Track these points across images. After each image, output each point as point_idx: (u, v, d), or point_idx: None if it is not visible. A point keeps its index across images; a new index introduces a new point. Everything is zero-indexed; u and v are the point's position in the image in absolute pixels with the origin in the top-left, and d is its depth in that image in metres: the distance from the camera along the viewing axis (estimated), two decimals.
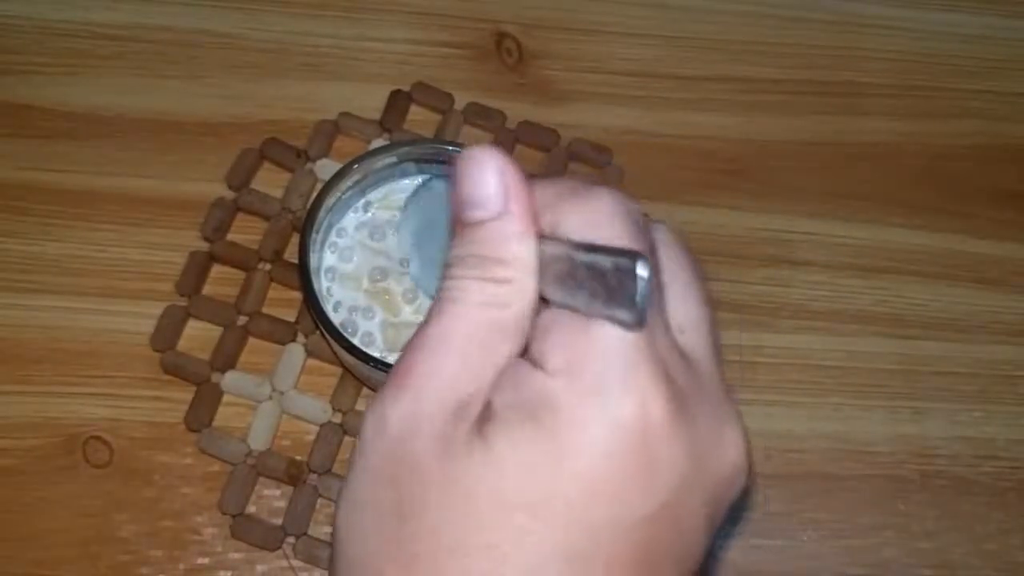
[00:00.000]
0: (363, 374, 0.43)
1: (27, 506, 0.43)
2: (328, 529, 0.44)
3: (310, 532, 0.43)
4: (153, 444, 0.44)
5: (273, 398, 0.45)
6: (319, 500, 0.44)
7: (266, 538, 0.43)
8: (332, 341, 0.40)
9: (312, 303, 0.40)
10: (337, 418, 0.45)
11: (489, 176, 0.24)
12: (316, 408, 0.45)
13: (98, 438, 0.44)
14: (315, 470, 0.44)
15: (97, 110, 0.49)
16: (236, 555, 0.43)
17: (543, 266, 0.23)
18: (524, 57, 0.53)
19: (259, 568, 0.43)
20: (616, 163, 0.51)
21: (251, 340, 0.46)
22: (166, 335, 0.45)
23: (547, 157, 0.51)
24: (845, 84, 0.55)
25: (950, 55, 0.56)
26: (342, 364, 0.45)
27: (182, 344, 0.46)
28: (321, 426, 0.45)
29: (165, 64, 0.51)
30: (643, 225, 0.24)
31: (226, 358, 0.45)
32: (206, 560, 0.43)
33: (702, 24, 0.55)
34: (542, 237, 0.24)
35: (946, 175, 0.53)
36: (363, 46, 0.52)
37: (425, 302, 0.42)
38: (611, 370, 0.22)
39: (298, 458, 0.44)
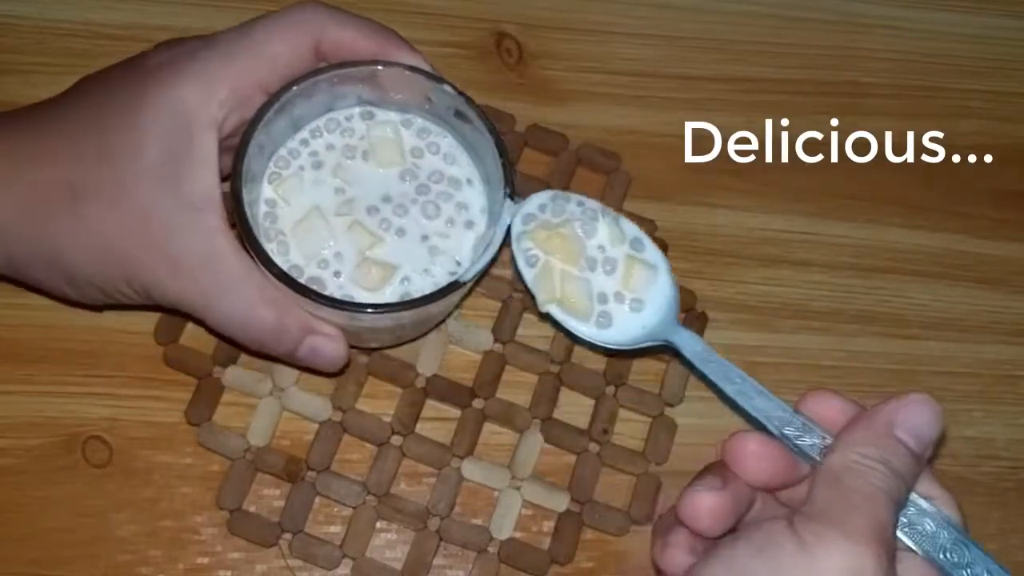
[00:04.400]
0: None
1: (26, 506, 0.43)
2: (327, 528, 0.44)
3: (307, 530, 0.43)
4: (152, 444, 0.44)
5: (274, 394, 0.45)
6: (317, 498, 0.44)
7: (262, 534, 0.43)
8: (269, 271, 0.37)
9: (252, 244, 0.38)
10: (337, 416, 0.45)
11: (935, 431, 0.34)
12: (316, 405, 0.45)
13: (98, 438, 0.44)
14: (314, 468, 0.44)
15: None
16: (235, 554, 0.43)
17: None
18: (524, 57, 0.53)
19: (258, 568, 0.43)
20: (624, 168, 0.51)
21: None
22: (169, 328, 0.46)
23: (555, 161, 0.51)
24: (845, 84, 0.55)
25: (950, 55, 0.56)
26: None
27: (184, 340, 0.46)
28: (321, 424, 0.45)
29: None
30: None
31: (228, 353, 0.45)
32: (205, 560, 0.43)
33: (702, 24, 0.55)
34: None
35: (946, 175, 0.53)
36: None
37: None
38: None
39: (297, 456, 0.44)
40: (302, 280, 0.39)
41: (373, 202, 0.41)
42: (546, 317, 0.41)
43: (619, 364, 0.47)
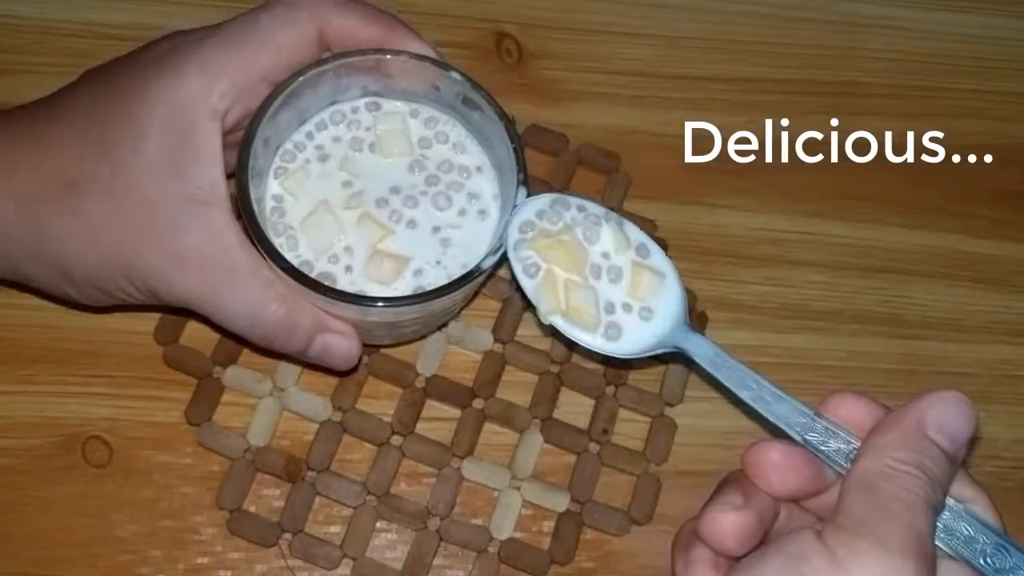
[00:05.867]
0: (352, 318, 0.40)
1: (26, 506, 0.43)
2: (327, 528, 0.44)
3: (307, 530, 0.43)
4: (153, 444, 0.44)
5: (274, 394, 0.45)
6: (317, 498, 0.44)
7: (262, 534, 0.43)
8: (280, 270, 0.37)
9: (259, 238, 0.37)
10: (337, 416, 0.45)
11: (968, 429, 0.32)
12: (316, 405, 0.45)
13: (98, 438, 0.44)
14: (314, 468, 0.44)
15: None
16: (235, 555, 0.43)
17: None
18: (524, 57, 0.53)
19: (258, 568, 0.43)
20: (624, 169, 0.51)
21: None
22: (169, 328, 0.46)
23: (555, 161, 0.51)
24: (845, 84, 0.55)
25: (950, 55, 0.56)
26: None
27: (184, 340, 0.46)
28: (321, 424, 0.45)
29: None
30: None
31: (228, 353, 0.45)
32: (205, 560, 0.43)
33: (702, 24, 0.55)
34: None
35: (946, 175, 0.53)
36: None
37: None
38: None
39: (297, 456, 0.44)
40: (313, 275, 0.38)
41: (382, 194, 0.40)
42: (548, 329, 0.40)
43: (619, 364, 0.47)
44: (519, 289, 0.40)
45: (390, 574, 0.43)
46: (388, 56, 0.39)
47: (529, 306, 0.40)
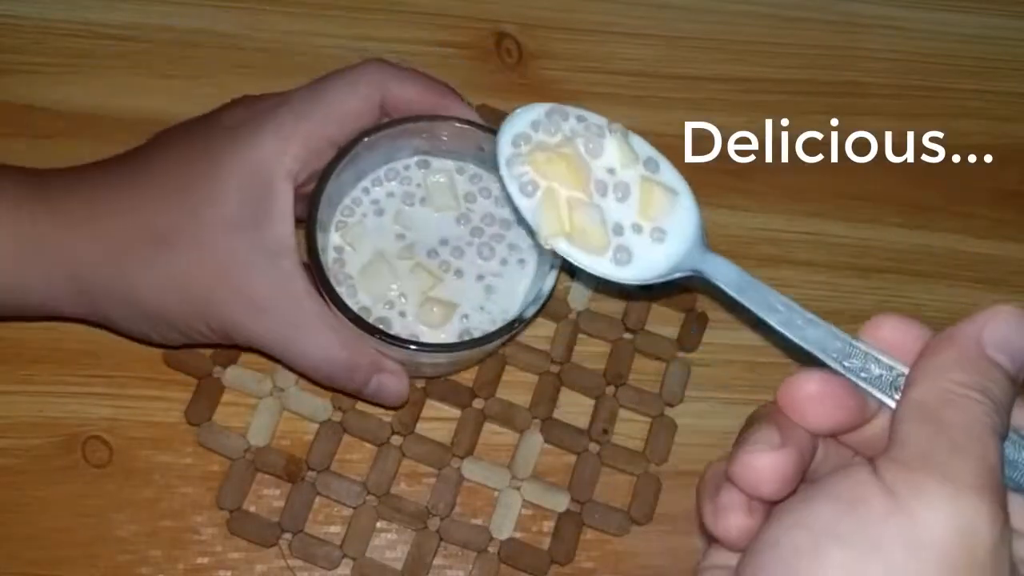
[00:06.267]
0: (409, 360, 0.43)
1: (26, 506, 0.43)
2: (327, 528, 0.44)
3: (307, 530, 0.43)
4: (153, 444, 0.44)
5: (274, 394, 0.45)
6: (317, 498, 0.44)
7: (262, 534, 0.43)
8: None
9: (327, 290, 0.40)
10: (337, 416, 0.45)
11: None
12: (317, 405, 0.45)
13: (98, 438, 0.44)
14: (314, 468, 0.44)
15: (97, 110, 0.49)
16: (235, 555, 0.43)
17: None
18: (524, 57, 0.53)
19: (258, 568, 0.43)
20: None
21: None
22: None
23: None
24: (845, 84, 0.55)
25: (950, 55, 0.56)
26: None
27: None
28: (321, 424, 0.45)
29: (165, 64, 0.51)
30: None
31: (228, 353, 0.45)
32: (205, 560, 0.43)
33: (702, 24, 0.55)
34: None
35: (946, 175, 0.53)
36: (363, 46, 0.52)
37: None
38: None
39: (297, 455, 0.44)
40: (371, 320, 0.41)
41: (432, 245, 0.43)
42: (550, 252, 0.37)
43: (619, 364, 0.47)
44: (516, 211, 0.37)
45: (390, 574, 0.43)
46: (440, 122, 0.42)
47: (527, 229, 0.38)
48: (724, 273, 0.34)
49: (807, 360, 0.31)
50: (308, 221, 0.40)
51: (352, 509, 0.44)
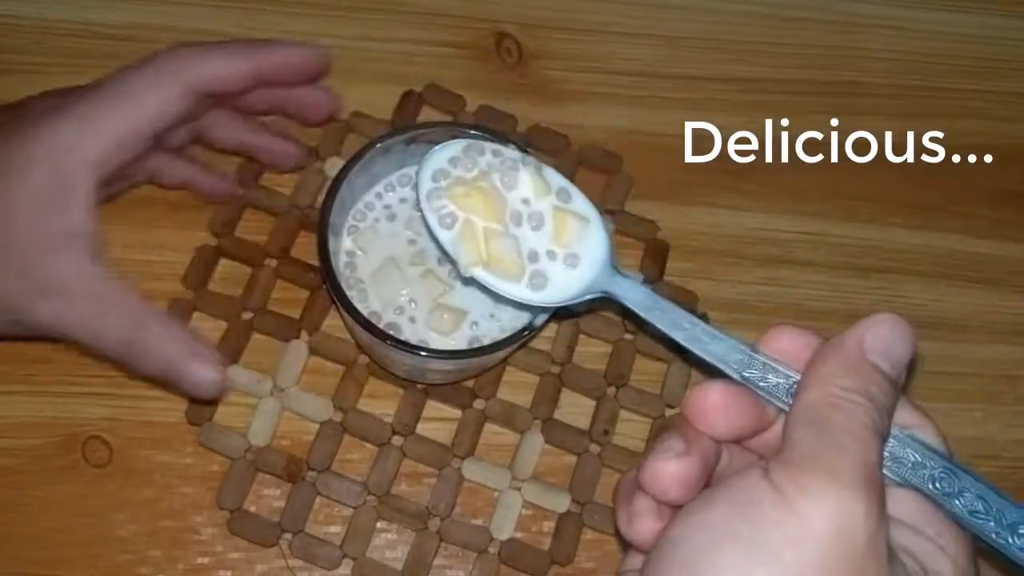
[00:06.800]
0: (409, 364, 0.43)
1: (26, 506, 0.43)
2: (327, 528, 0.44)
3: (307, 530, 0.43)
4: (152, 444, 0.44)
5: (274, 394, 0.45)
6: (317, 498, 0.44)
7: (263, 534, 0.43)
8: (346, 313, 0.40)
9: (338, 295, 0.40)
10: (338, 416, 0.45)
11: (908, 351, 0.31)
12: (317, 405, 0.45)
13: (98, 438, 0.44)
14: (314, 467, 0.44)
15: None
16: (236, 555, 0.43)
17: None
18: (524, 57, 0.53)
19: (259, 568, 0.43)
20: (625, 170, 0.51)
21: (255, 340, 0.46)
22: None
23: (556, 162, 0.51)
24: (845, 84, 0.55)
25: (950, 55, 0.56)
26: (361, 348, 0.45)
27: None
28: (322, 424, 0.45)
29: None
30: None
31: (229, 353, 0.45)
32: (205, 560, 0.43)
33: (702, 24, 0.55)
34: None
35: (946, 175, 0.53)
36: (363, 46, 0.52)
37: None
38: None
39: (297, 456, 0.44)
40: (381, 325, 0.41)
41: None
42: (470, 281, 0.39)
43: (620, 364, 0.47)
44: (436, 242, 0.39)
45: (390, 574, 0.43)
46: (451, 128, 0.42)
47: (448, 259, 0.40)
48: (632, 294, 0.36)
49: (714, 372, 0.33)
50: (320, 225, 0.40)
51: (352, 509, 0.44)
